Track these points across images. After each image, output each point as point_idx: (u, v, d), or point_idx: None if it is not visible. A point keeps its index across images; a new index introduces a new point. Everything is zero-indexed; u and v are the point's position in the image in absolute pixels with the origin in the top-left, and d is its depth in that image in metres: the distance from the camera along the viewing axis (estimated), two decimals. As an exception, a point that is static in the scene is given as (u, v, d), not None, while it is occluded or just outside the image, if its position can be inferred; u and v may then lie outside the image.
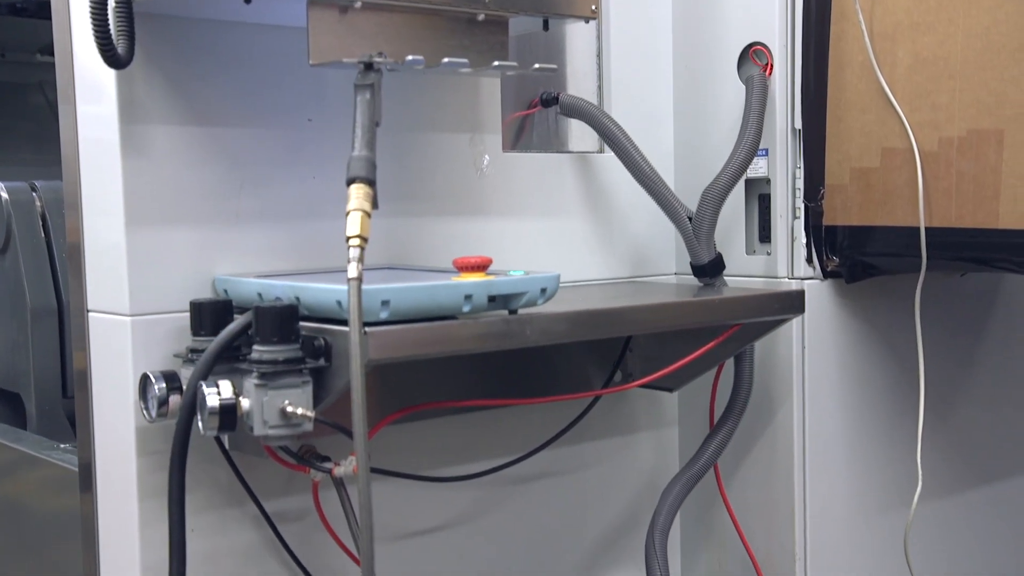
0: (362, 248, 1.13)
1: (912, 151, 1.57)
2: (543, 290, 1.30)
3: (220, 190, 1.40)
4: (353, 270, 1.11)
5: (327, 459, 1.36)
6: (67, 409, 2.05)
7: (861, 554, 1.79)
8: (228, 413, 1.21)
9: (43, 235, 2.06)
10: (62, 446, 1.80)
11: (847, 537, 1.77)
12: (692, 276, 1.68)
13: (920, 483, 1.64)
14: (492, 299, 1.27)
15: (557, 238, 1.71)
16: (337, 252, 1.44)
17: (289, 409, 1.20)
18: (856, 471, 1.78)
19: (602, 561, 1.80)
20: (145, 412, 1.29)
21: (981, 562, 1.99)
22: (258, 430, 1.20)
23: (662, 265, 1.83)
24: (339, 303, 1.20)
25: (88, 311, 1.41)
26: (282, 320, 1.21)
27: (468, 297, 1.25)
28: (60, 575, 1.72)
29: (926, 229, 1.57)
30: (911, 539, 1.75)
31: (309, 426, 1.22)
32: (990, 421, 1.99)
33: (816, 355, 1.72)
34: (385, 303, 1.19)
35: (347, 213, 1.15)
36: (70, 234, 1.46)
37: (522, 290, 1.28)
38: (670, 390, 1.80)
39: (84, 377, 1.43)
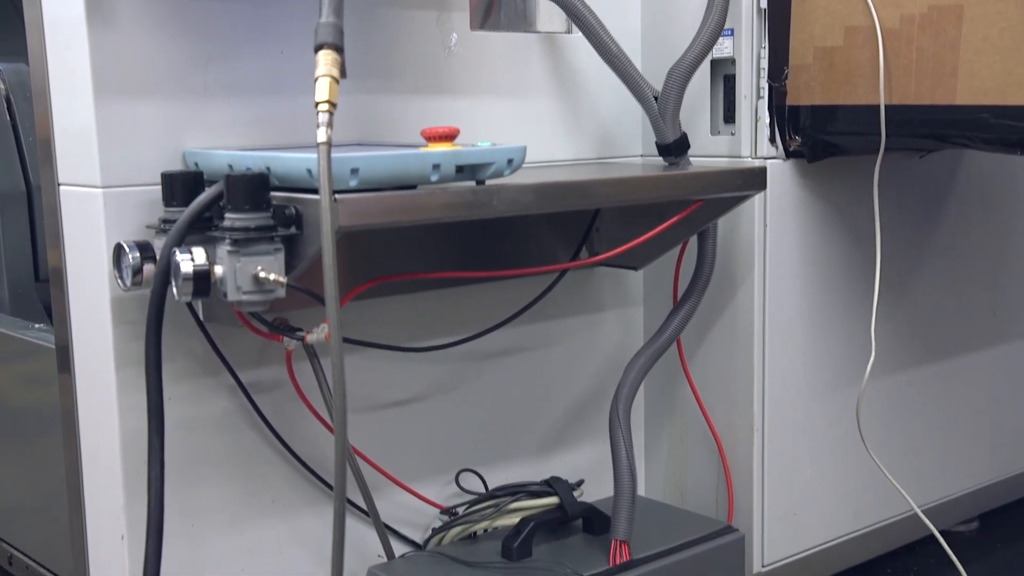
0: (331, 113, 1.15)
1: (874, 29, 1.59)
2: (510, 161, 1.33)
3: (187, 63, 1.40)
4: (322, 135, 1.13)
5: (299, 330, 1.39)
6: (39, 294, 2.07)
7: (817, 425, 1.86)
8: (202, 279, 1.23)
9: (8, 118, 2.05)
10: (37, 326, 1.83)
11: (804, 409, 1.84)
12: (658, 157, 1.71)
13: (873, 354, 1.70)
14: (460, 170, 1.30)
15: (524, 118, 1.72)
16: (306, 128, 1.45)
17: (262, 275, 1.23)
18: (814, 346, 1.84)
19: (568, 434, 1.86)
20: (120, 281, 1.31)
21: (932, 435, 2.07)
22: (231, 295, 1.23)
23: (628, 147, 1.86)
24: (309, 171, 1.22)
25: (59, 185, 1.42)
26: (253, 188, 1.23)
27: (436, 167, 1.27)
28: (40, 451, 1.75)
29: (886, 107, 1.60)
30: (865, 411, 1.82)
31: (281, 292, 1.25)
32: (944, 300, 2.05)
33: (777, 234, 1.76)
34: (354, 171, 1.21)
35: (315, 79, 1.16)
36: (38, 111, 1.46)
37: (489, 160, 1.31)
38: (635, 268, 1.84)
39: (57, 251, 1.45)
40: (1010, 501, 2.45)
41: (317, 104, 1.15)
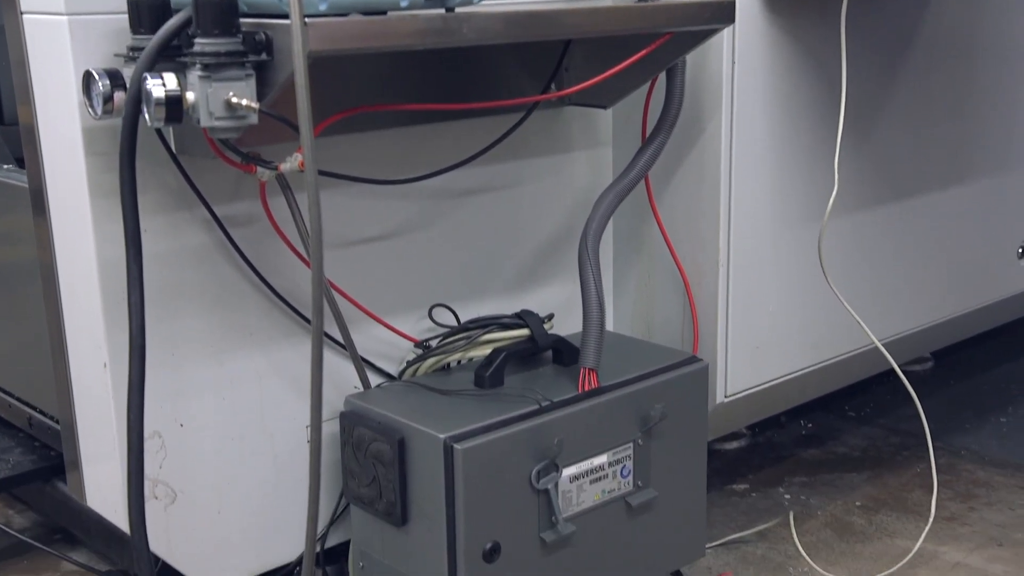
0: (300, -69, 1.13)
1: None
2: (480, -13, 1.32)
3: None
4: (291, -47, 1.12)
5: (272, 161, 1.40)
6: (5, 137, 2.05)
7: (781, 261, 1.91)
8: (174, 104, 1.23)
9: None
10: (6, 167, 1.82)
11: (769, 245, 1.88)
12: (628, -5, 1.70)
13: (836, 186, 1.73)
14: (429, -5, 1.30)
15: (493, -48, 1.70)
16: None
17: (234, 100, 1.23)
18: (780, 183, 1.87)
19: (538, 272, 1.90)
20: (90, 110, 1.31)
21: (893, 271, 2.12)
22: (204, 121, 1.24)
23: (598, -15, 1.84)
24: (278, -5, 1.21)
25: (22, 13, 1.40)
26: (222, 12, 1.22)
27: (406, -9, 1.27)
28: (15, 289, 1.78)
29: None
30: (829, 247, 1.86)
31: (254, 118, 1.25)
32: (908, 139, 2.09)
33: (745, 71, 1.77)
34: (324, -6, 1.21)
35: None
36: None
37: (459, -15, 1.30)
38: (604, 107, 1.85)
39: (25, 84, 1.44)
40: (964, 339, 2.54)
41: (285, -79, 1.13)
